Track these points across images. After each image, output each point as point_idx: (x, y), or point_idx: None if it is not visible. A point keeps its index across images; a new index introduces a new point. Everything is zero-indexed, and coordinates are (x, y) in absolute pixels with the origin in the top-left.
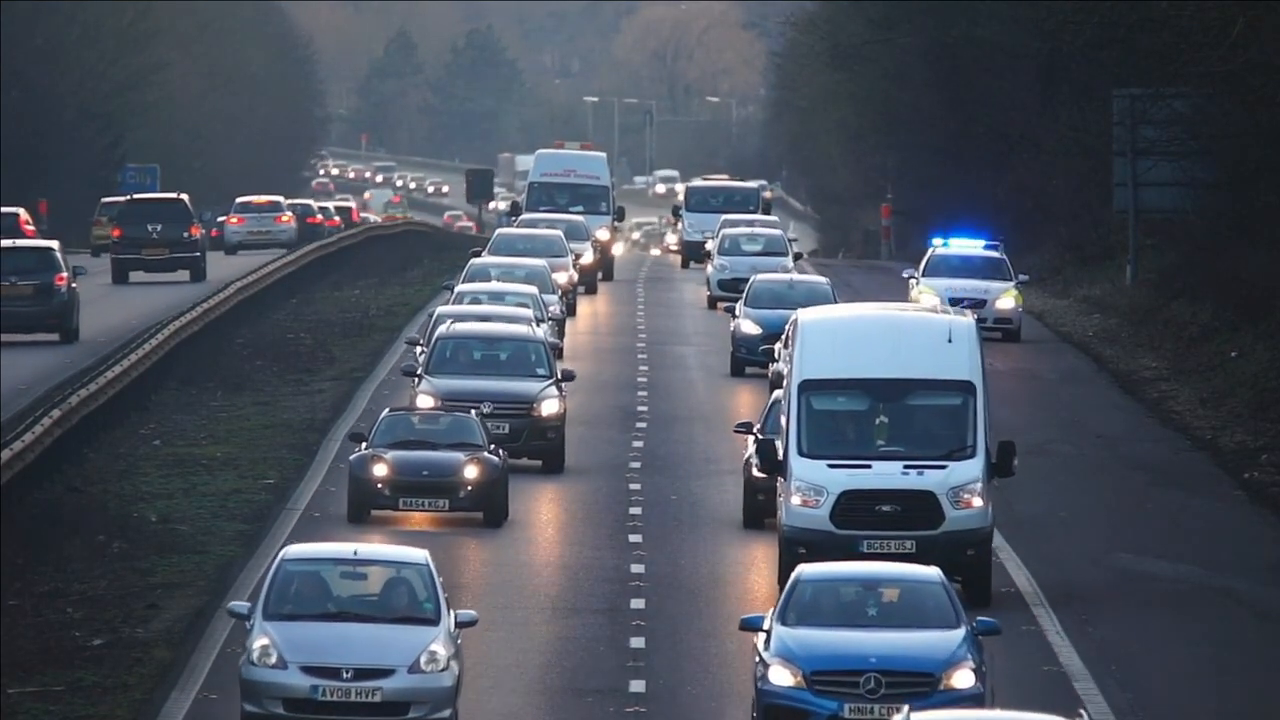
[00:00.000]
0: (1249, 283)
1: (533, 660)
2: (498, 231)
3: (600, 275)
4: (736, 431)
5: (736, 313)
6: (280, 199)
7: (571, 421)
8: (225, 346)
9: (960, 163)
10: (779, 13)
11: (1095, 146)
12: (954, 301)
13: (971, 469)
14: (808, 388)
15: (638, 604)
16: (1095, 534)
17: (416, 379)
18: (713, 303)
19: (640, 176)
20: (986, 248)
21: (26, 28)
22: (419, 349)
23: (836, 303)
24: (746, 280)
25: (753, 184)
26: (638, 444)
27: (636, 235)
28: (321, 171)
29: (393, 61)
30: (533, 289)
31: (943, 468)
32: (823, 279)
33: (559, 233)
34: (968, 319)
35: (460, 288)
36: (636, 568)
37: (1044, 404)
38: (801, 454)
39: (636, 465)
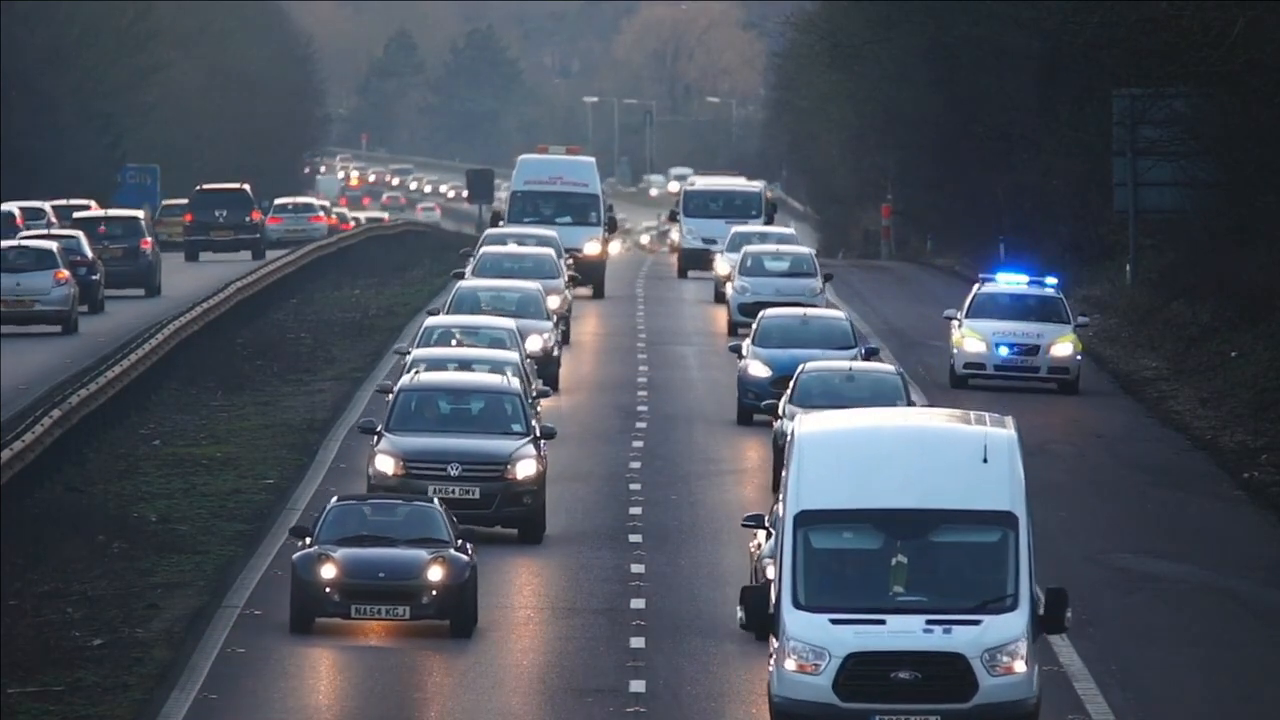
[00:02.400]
0: (1249, 283)
1: (533, 660)
2: (482, 251)
3: (592, 292)
4: (745, 525)
5: (743, 352)
6: (314, 200)
7: (571, 421)
8: (225, 346)
9: (960, 163)
10: (779, 13)
11: (1095, 146)
12: (1003, 345)
13: (1013, 624)
14: (806, 521)
15: (638, 604)
16: (1095, 534)
17: (376, 436)
18: (733, 328)
19: (653, 175)
20: (1031, 284)
21: (26, 28)
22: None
23: (855, 341)
24: (770, 304)
25: (755, 184)
26: (637, 444)
27: (644, 239)
28: (342, 174)
29: (393, 61)
30: (510, 324)
31: (976, 623)
32: (840, 314)
33: (550, 251)
34: (1007, 431)
35: (430, 321)
36: (636, 568)
37: (1043, 404)
38: (797, 606)
39: (636, 465)
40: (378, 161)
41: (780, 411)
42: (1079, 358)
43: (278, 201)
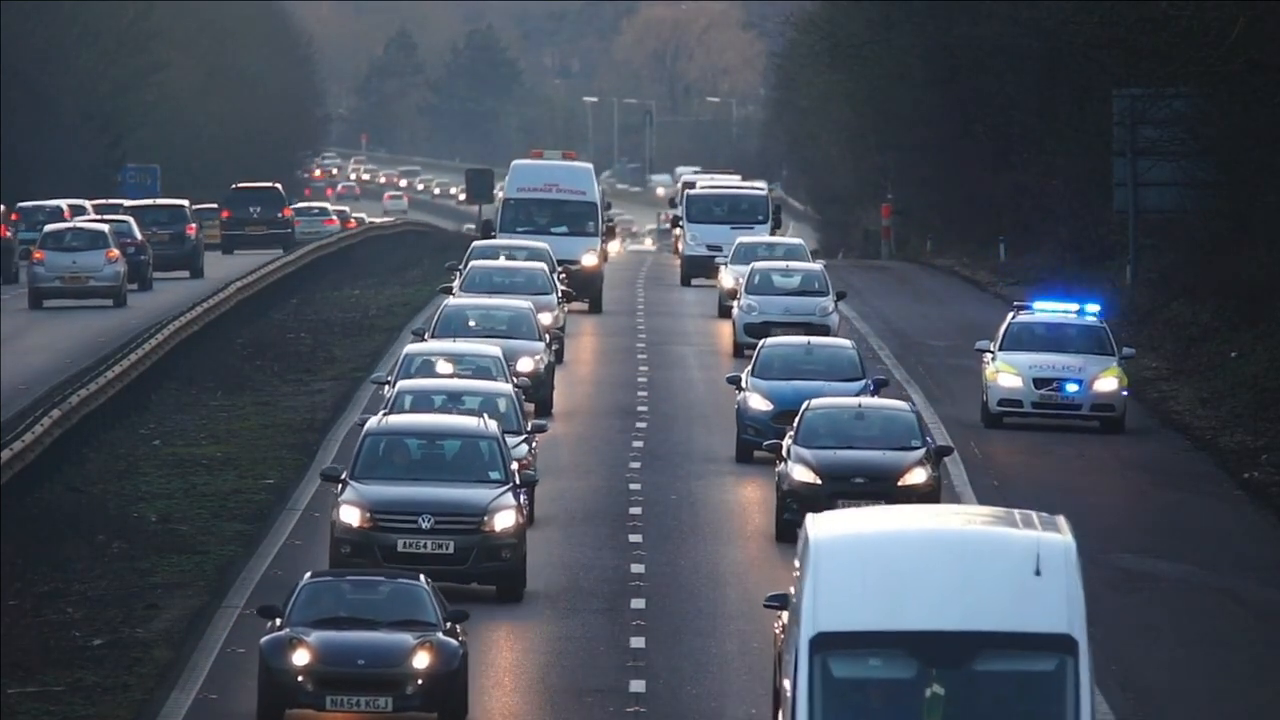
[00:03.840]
0: (1249, 283)
1: (533, 660)
2: (471, 265)
3: (589, 306)
4: (768, 606)
5: (743, 384)
6: (327, 206)
7: (571, 422)
8: (225, 346)
9: (960, 163)
10: (779, 13)
11: (1095, 146)
12: (1040, 382)
13: None
14: (824, 645)
15: (638, 604)
16: (1095, 534)
17: (339, 485)
18: (739, 350)
19: (656, 175)
20: (1080, 314)
21: (26, 28)
22: (379, 417)
23: (863, 372)
24: (779, 325)
25: (759, 186)
26: (638, 444)
27: (649, 242)
28: (353, 176)
29: (393, 61)
30: (496, 350)
31: None
32: (847, 342)
33: (542, 265)
34: (1063, 536)
35: (409, 348)
36: (636, 568)
37: None
38: None
39: (636, 465)
40: (385, 163)
41: (784, 453)
42: (1125, 393)
43: (297, 205)
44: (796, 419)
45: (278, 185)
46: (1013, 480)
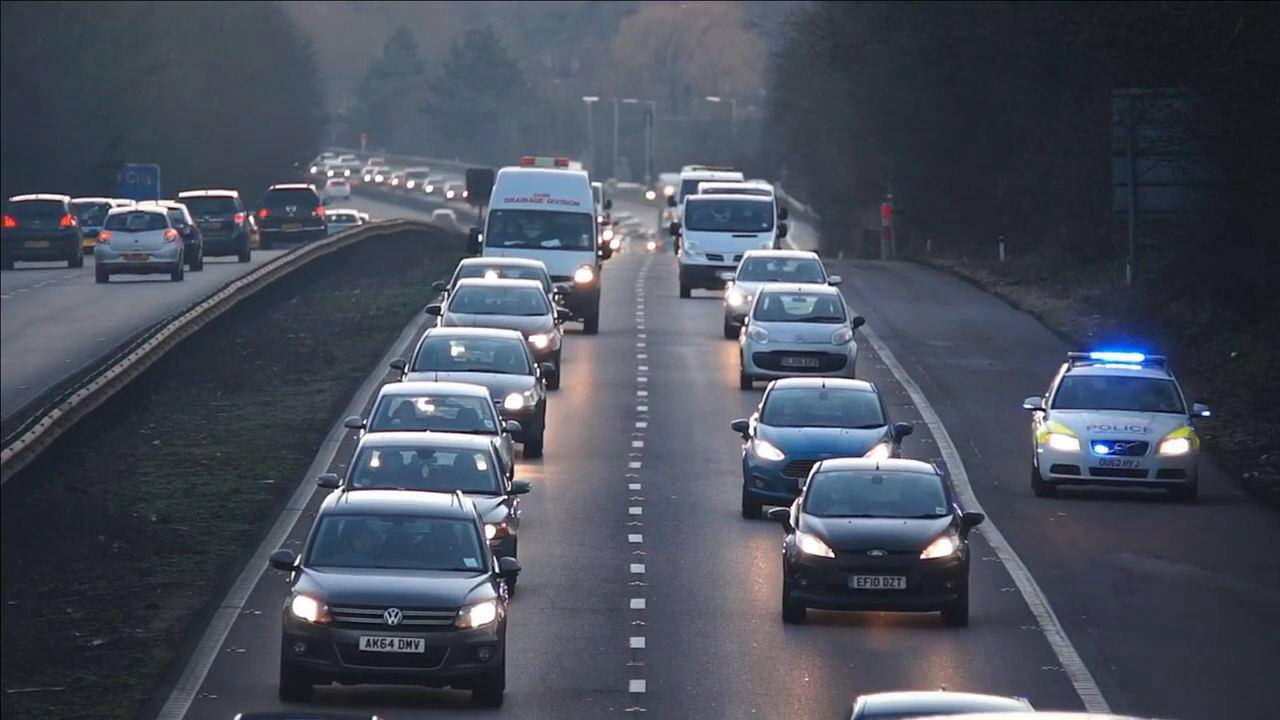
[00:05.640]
0: (1249, 283)
1: (533, 660)
2: (461, 283)
3: (584, 326)
4: None
5: (751, 430)
6: (354, 211)
7: (571, 421)
8: (225, 346)
9: (960, 163)
10: (779, 13)
11: (1095, 146)
12: (1100, 444)
13: None
14: None
15: (638, 604)
16: (1095, 534)
17: (293, 573)
18: (748, 381)
19: (668, 174)
20: (1145, 364)
21: (27, 28)
22: (339, 494)
23: (884, 419)
24: (791, 354)
25: (764, 190)
26: (638, 444)
27: (651, 245)
28: (367, 178)
29: (393, 61)
30: (483, 391)
31: None
32: (866, 385)
33: (537, 283)
34: None
35: (387, 390)
36: (636, 568)
37: None
38: None
39: (636, 465)
40: (388, 164)
41: (793, 521)
42: (1196, 457)
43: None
44: (807, 484)
45: (311, 187)
46: (1011, 480)
